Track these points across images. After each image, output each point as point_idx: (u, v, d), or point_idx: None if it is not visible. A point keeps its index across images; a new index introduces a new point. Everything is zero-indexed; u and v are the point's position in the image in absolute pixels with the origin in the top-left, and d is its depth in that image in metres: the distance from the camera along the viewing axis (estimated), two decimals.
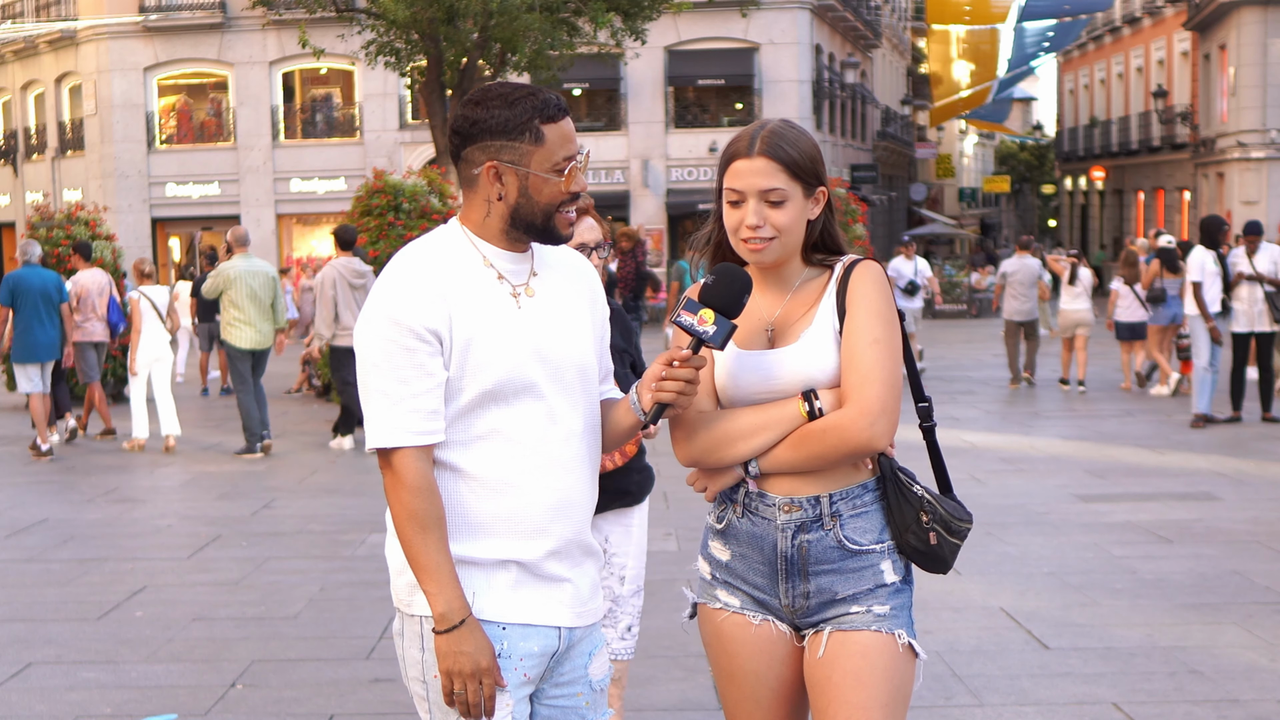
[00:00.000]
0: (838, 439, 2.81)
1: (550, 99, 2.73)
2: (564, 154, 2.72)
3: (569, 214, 2.77)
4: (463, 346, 2.68)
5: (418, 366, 2.65)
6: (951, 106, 52.56)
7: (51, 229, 17.42)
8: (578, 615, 2.81)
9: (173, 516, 9.75)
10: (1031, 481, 10.65)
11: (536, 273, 2.81)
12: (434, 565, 2.65)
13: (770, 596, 2.94)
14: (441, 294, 2.68)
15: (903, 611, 2.91)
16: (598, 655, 2.89)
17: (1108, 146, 46.82)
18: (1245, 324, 13.53)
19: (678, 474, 2.98)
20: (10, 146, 38.85)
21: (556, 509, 2.76)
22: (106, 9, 33.96)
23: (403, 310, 2.65)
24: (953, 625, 6.53)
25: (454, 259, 2.75)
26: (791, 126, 2.92)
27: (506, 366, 2.70)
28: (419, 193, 14.74)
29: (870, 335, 2.82)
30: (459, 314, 2.68)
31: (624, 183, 34.07)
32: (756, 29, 32.77)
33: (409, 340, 2.65)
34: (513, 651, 2.73)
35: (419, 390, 2.66)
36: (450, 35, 19.50)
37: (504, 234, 2.77)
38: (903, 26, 54.17)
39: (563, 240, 2.80)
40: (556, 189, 2.72)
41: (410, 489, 2.66)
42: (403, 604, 2.77)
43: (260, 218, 33.86)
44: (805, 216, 2.91)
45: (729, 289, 2.74)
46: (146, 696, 5.71)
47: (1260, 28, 33.73)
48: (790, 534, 2.89)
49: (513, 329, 2.73)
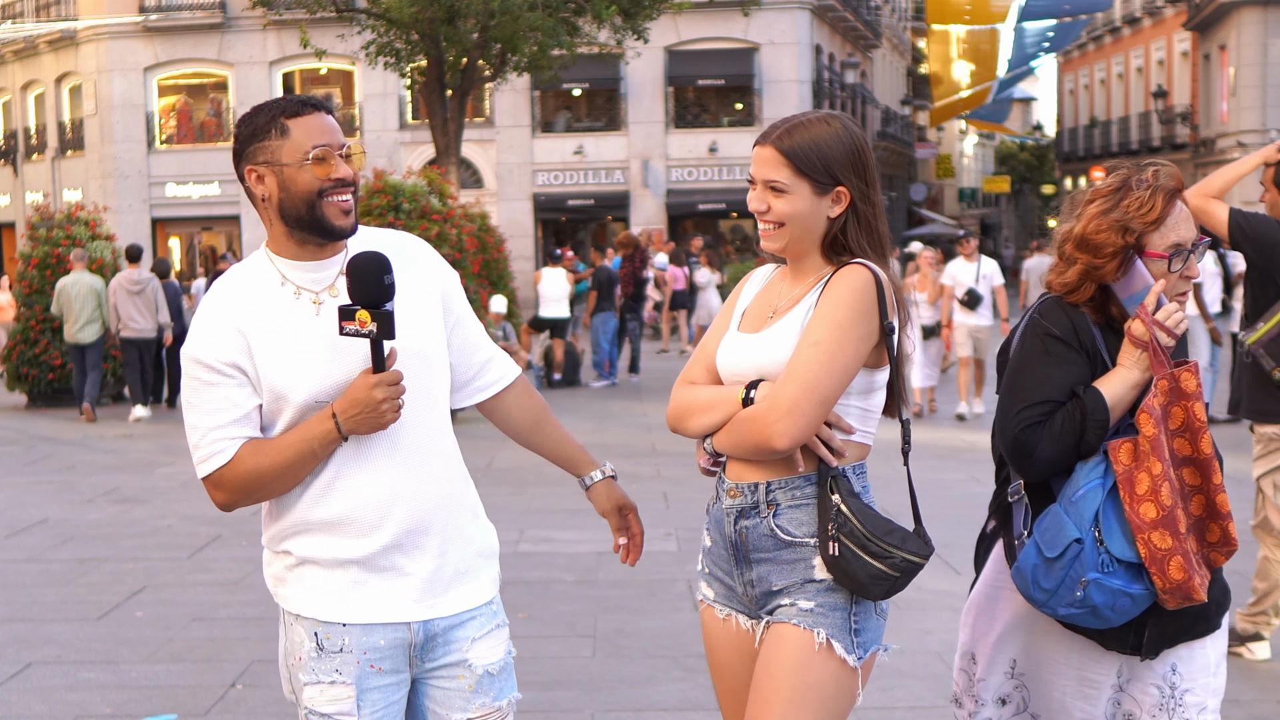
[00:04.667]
0: (748, 430, 2.86)
1: (298, 98, 2.84)
2: (315, 143, 2.77)
3: (338, 201, 2.78)
4: (268, 373, 2.77)
5: (224, 399, 2.78)
6: (951, 107, 52.54)
7: (51, 229, 17.43)
8: (428, 608, 2.85)
9: (173, 516, 9.74)
10: None
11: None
12: (283, 452, 2.77)
13: (733, 582, 3.01)
14: (238, 327, 2.77)
15: (833, 611, 2.86)
16: (484, 640, 2.91)
17: (1108, 147, 46.84)
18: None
19: (678, 474, 2.99)
20: (10, 146, 38.85)
21: (387, 503, 2.81)
22: (106, 9, 33.96)
23: (203, 349, 2.78)
24: (953, 625, 6.52)
25: (252, 286, 2.83)
26: (824, 123, 2.92)
27: (315, 378, 2.77)
28: (419, 193, 14.73)
29: (812, 337, 2.82)
30: (257, 342, 2.77)
31: (624, 183, 34.07)
32: (756, 29, 32.77)
33: (211, 376, 2.78)
34: (354, 646, 2.82)
35: (224, 420, 2.78)
36: (450, 35, 19.50)
37: (289, 239, 2.83)
38: (903, 26, 54.18)
39: (337, 231, 2.81)
40: (311, 175, 2.76)
41: (252, 482, 2.79)
42: (272, 594, 2.93)
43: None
44: (819, 213, 2.91)
45: (363, 283, 2.72)
46: (146, 696, 5.72)
47: (1260, 28, 33.75)
48: (733, 519, 2.96)
49: (312, 343, 2.78)
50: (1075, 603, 2.95)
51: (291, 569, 2.87)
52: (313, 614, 2.84)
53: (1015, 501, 3.12)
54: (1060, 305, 3.13)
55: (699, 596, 3.11)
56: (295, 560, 2.86)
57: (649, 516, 9.35)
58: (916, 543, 2.86)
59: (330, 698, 2.82)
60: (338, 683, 2.82)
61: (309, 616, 2.84)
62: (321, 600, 2.83)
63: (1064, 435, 3.00)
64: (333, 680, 2.82)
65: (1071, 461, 3.03)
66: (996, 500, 3.26)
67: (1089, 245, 3.09)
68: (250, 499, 2.83)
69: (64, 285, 15.86)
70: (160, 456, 12.81)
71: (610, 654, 6.16)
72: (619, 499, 3.11)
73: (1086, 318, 3.11)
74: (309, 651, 2.84)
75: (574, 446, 3.14)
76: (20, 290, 17.58)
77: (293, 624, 2.88)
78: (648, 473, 10.84)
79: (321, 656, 2.83)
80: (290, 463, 2.77)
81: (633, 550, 3.12)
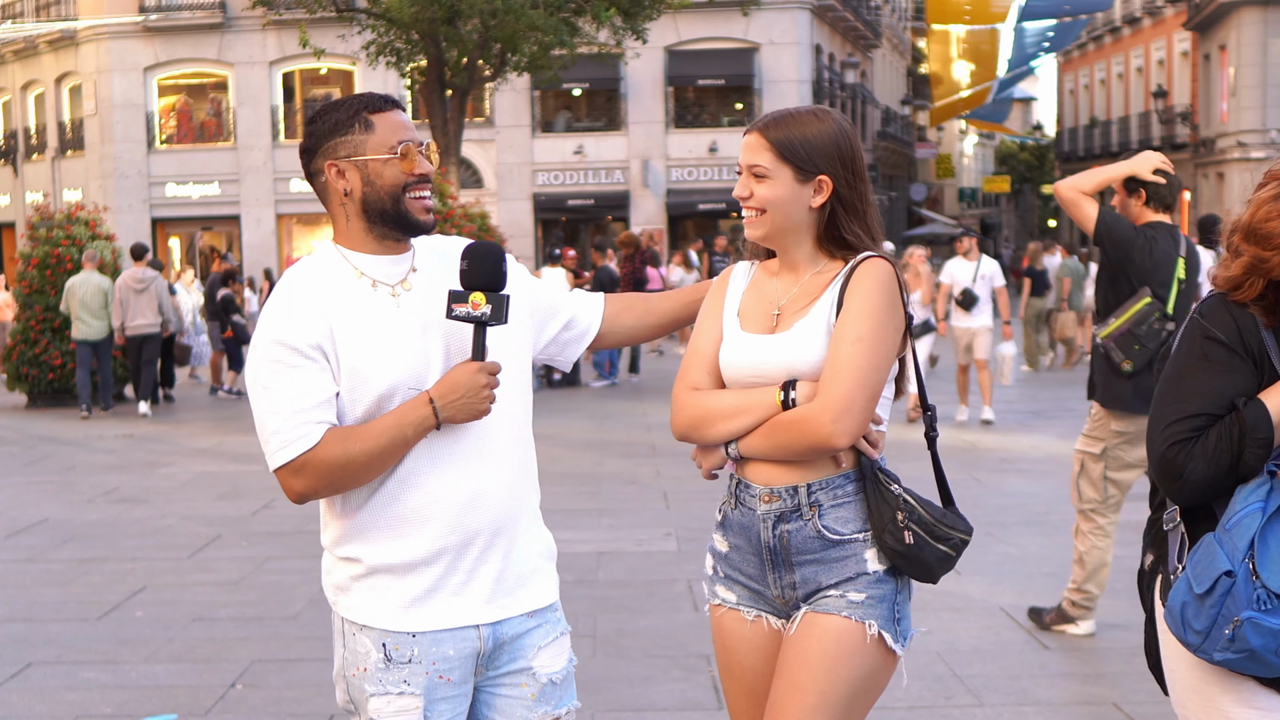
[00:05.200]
0: (800, 431, 2.80)
1: (375, 94, 2.82)
2: (399, 138, 2.76)
3: (421, 199, 2.78)
4: (350, 358, 2.72)
5: (308, 381, 2.70)
6: (951, 106, 52.55)
7: (51, 229, 17.44)
8: (498, 608, 2.82)
9: (173, 516, 9.74)
10: (1031, 481, 10.65)
11: (417, 268, 2.82)
12: (377, 437, 2.70)
13: (763, 587, 2.94)
14: (321, 310, 2.73)
15: (881, 603, 2.85)
16: (549, 648, 2.89)
17: (1108, 146, 46.84)
18: None
19: (677, 474, 2.98)
20: (10, 146, 38.85)
21: (464, 504, 2.77)
22: (106, 9, 33.97)
23: (287, 331, 2.71)
24: (953, 625, 6.53)
25: (329, 276, 2.79)
26: (813, 116, 2.92)
27: (396, 366, 2.74)
28: None
29: (855, 332, 2.79)
30: (340, 328, 2.73)
31: (624, 183, 34.08)
32: (756, 29, 32.78)
33: (295, 359, 2.70)
34: (423, 657, 2.77)
35: (309, 404, 2.70)
36: (451, 35, 19.51)
37: (368, 234, 2.80)
38: (903, 26, 54.19)
39: (420, 226, 2.80)
40: (397, 169, 2.75)
41: (338, 469, 2.71)
42: (331, 603, 2.88)
43: (260, 218, 33.88)
44: (801, 201, 2.89)
45: (482, 265, 2.72)
46: (146, 696, 5.71)
47: (1260, 28, 33.75)
48: (770, 524, 2.89)
49: (394, 330, 2.76)
50: (1229, 645, 2.59)
51: (358, 578, 2.80)
52: (381, 624, 2.77)
53: (1170, 530, 2.79)
54: (1225, 304, 2.74)
55: (714, 600, 3.04)
56: (364, 568, 2.78)
57: (649, 517, 9.36)
58: (964, 521, 2.92)
59: (397, 709, 2.76)
60: (406, 694, 2.76)
61: (376, 626, 2.78)
62: (390, 610, 2.77)
63: (1218, 454, 2.64)
64: (400, 691, 2.76)
65: (1229, 484, 2.66)
66: (1151, 530, 2.91)
67: (1257, 236, 2.71)
68: (332, 488, 2.74)
69: (72, 284, 16.15)
70: (160, 456, 12.81)
71: (610, 654, 6.16)
72: None
73: (1255, 319, 2.71)
74: (376, 662, 2.78)
75: (686, 292, 3.16)
76: (20, 290, 17.59)
77: (356, 634, 2.80)
78: (647, 473, 10.81)
79: (389, 667, 2.77)
80: (383, 448, 2.70)
81: None
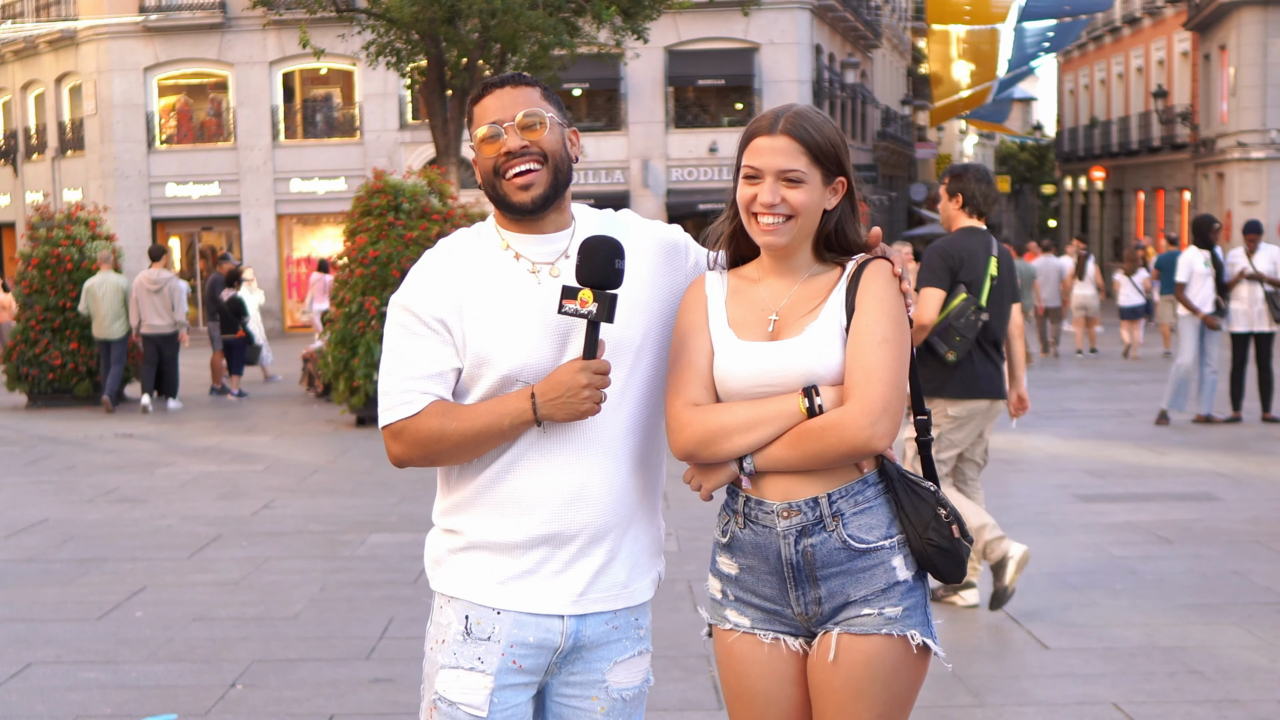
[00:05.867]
0: (836, 438, 2.71)
1: (486, 79, 2.86)
2: (484, 121, 2.79)
3: (513, 177, 2.78)
4: (475, 337, 2.74)
5: (424, 351, 2.75)
6: (951, 106, 52.52)
7: (51, 229, 17.44)
8: (591, 601, 2.79)
9: (173, 516, 9.74)
10: (1031, 481, 10.65)
11: (570, 255, 2.80)
12: (473, 421, 2.72)
13: (782, 606, 2.84)
14: (454, 285, 2.76)
15: (916, 610, 2.81)
16: (625, 663, 2.86)
17: (1108, 147, 46.81)
18: (1245, 324, 13.54)
19: (676, 472, 2.94)
20: (10, 146, 38.83)
21: (573, 494, 2.76)
22: (106, 9, 33.95)
23: (415, 299, 2.77)
24: (953, 625, 6.53)
25: (476, 246, 2.84)
26: (817, 112, 2.87)
27: (523, 351, 2.73)
28: (419, 193, 14.73)
29: (879, 334, 2.73)
30: (471, 305, 2.75)
31: (624, 183, 34.06)
32: (756, 29, 32.77)
33: (417, 326, 2.76)
34: (503, 636, 2.76)
35: (420, 373, 2.75)
36: (451, 35, 19.50)
37: (506, 215, 2.85)
38: (903, 26, 54.18)
39: (516, 207, 2.80)
40: (483, 157, 2.80)
41: (432, 442, 2.74)
42: (429, 578, 2.89)
43: (260, 218, 33.86)
44: (822, 204, 2.83)
45: (592, 262, 2.69)
46: (146, 696, 5.71)
47: (1260, 28, 33.73)
48: (793, 540, 2.78)
49: (527, 316, 2.75)
50: None
51: (456, 550, 2.81)
52: (468, 596, 2.78)
53: None
54: None
55: (725, 626, 2.90)
56: (464, 541, 2.80)
57: None
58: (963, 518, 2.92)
59: (464, 686, 2.76)
60: (477, 670, 2.76)
61: (463, 598, 2.79)
62: (481, 584, 2.78)
63: None
64: (472, 667, 2.76)
65: None
66: None
67: None
68: (425, 459, 2.77)
69: (91, 285, 16.65)
70: (160, 456, 12.82)
71: None
72: None
73: None
74: (456, 634, 2.79)
75: None
76: (20, 290, 17.59)
77: (444, 607, 2.83)
78: None
79: (467, 641, 2.77)
80: (477, 432, 2.71)
81: None
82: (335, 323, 14.60)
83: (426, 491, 9.93)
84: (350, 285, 14.50)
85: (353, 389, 14.24)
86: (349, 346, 14.29)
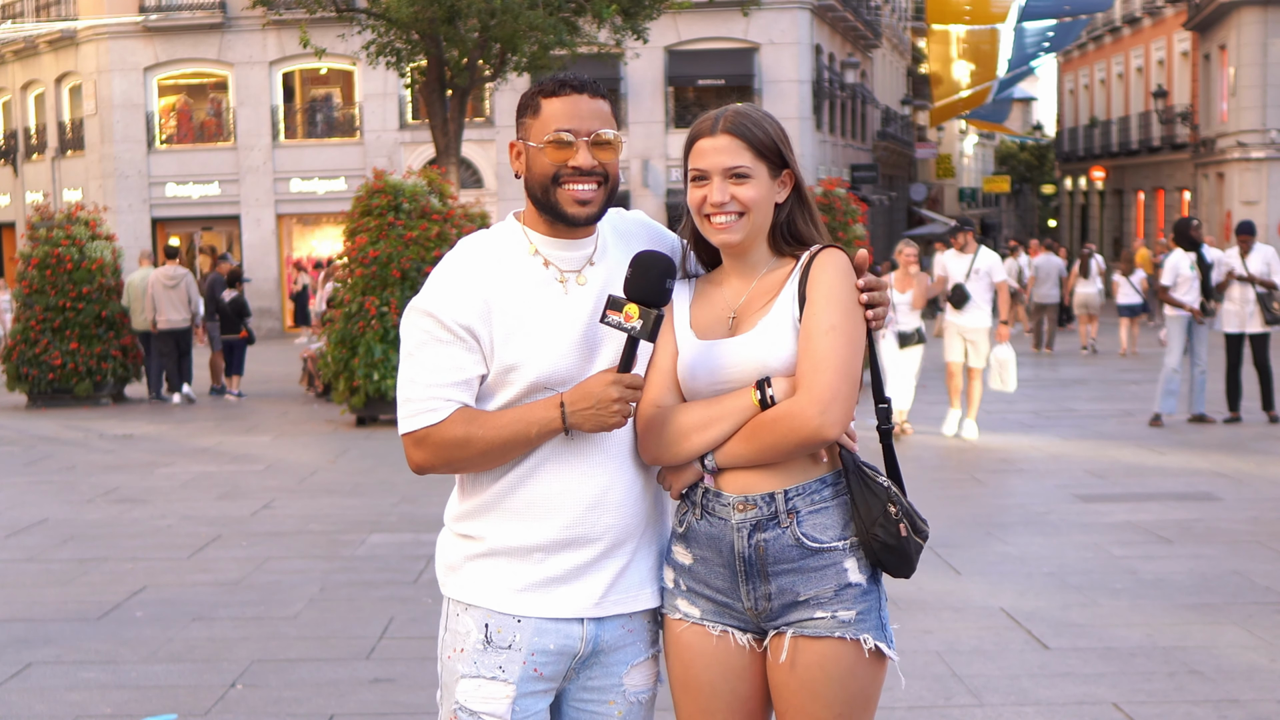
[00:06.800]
0: (787, 428, 2.71)
1: (564, 78, 2.78)
2: (559, 126, 2.72)
3: (573, 190, 2.73)
4: (502, 345, 2.70)
5: (449, 358, 2.71)
6: (951, 106, 52.53)
7: (51, 229, 17.45)
8: (611, 604, 2.79)
9: (173, 516, 9.74)
10: (1031, 481, 10.65)
11: (595, 262, 2.79)
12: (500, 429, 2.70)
13: (733, 600, 2.84)
14: (481, 290, 2.71)
15: (870, 614, 2.80)
16: (639, 667, 2.87)
17: (1108, 146, 46.82)
18: (1237, 325, 13.56)
19: None
20: (10, 146, 38.82)
21: (594, 502, 2.75)
22: (106, 9, 33.94)
23: (440, 306, 2.71)
24: (953, 625, 6.53)
25: (502, 249, 2.78)
26: (756, 109, 2.89)
27: (550, 359, 2.71)
28: (419, 193, 14.73)
29: (827, 322, 2.72)
30: (498, 311, 2.71)
31: (624, 183, 33.96)
32: (756, 29, 32.77)
33: (442, 334, 2.71)
34: (523, 644, 2.75)
35: (445, 380, 2.71)
36: (450, 35, 19.49)
37: (539, 216, 2.80)
38: (903, 26, 54.17)
39: (568, 219, 2.75)
40: (547, 159, 2.73)
41: (457, 450, 2.71)
42: (440, 584, 2.87)
43: (260, 218, 33.86)
44: (772, 198, 2.85)
45: (646, 278, 2.68)
46: (146, 696, 5.71)
47: (1260, 28, 33.73)
48: (746, 533, 2.79)
49: (555, 323, 2.73)
50: None
51: (473, 557, 2.79)
52: (487, 604, 2.75)
53: None
54: None
55: (674, 615, 2.89)
56: (483, 547, 2.77)
57: None
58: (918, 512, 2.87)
59: (485, 695, 2.74)
60: (498, 679, 2.74)
61: (482, 606, 2.76)
62: (501, 591, 2.75)
63: None
64: (493, 676, 2.74)
65: None
66: None
67: None
68: (449, 466, 2.74)
69: (132, 280, 17.68)
70: (160, 456, 12.81)
71: None
72: None
73: None
74: (475, 643, 2.76)
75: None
76: (20, 290, 17.60)
77: (460, 614, 2.79)
78: None
79: (488, 650, 2.75)
80: (504, 440, 2.69)
81: None
82: (335, 323, 14.60)
83: (427, 491, 9.93)
84: (350, 285, 14.50)
85: (353, 389, 14.25)
86: (349, 346, 14.29)
